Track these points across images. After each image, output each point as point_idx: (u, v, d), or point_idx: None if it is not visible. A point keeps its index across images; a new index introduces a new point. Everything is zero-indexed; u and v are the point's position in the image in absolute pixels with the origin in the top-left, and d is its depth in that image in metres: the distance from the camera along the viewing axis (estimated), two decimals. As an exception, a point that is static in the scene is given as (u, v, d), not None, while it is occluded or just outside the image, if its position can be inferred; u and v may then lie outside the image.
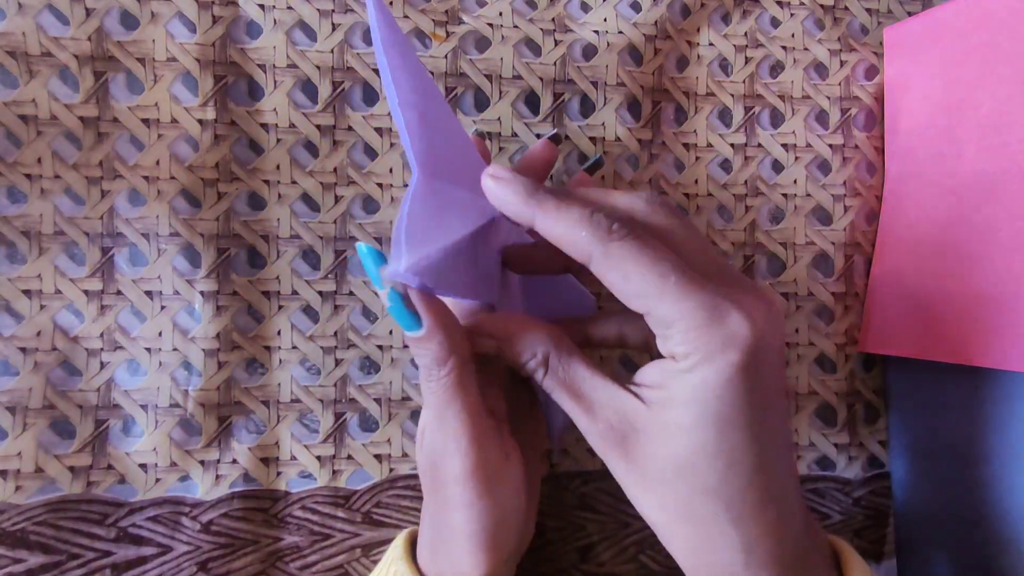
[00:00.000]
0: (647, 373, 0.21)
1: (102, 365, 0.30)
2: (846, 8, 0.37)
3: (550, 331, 0.23)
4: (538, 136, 0.34)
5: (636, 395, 0.21)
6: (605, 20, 0.34)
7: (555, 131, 0.32)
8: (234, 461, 0.31)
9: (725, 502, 0.20)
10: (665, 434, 0.21)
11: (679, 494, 0.21)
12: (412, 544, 0.27)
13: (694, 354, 0.20)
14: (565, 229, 0.21)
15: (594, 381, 0.22)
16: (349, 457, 0.32)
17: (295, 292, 0.31)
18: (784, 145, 0.36)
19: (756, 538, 0.21)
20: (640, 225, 0.22)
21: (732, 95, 0.36)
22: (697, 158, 0.35)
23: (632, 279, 0.20)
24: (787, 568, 0.21)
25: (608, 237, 0.20)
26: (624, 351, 0.34)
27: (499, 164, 0.22)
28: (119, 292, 0.30)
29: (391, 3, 0.32)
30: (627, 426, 0.21)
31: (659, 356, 0.21)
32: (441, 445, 0.23)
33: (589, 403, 0.22)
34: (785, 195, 0.36)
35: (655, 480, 0.21)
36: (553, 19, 0.34)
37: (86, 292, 0.30)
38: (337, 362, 0.32)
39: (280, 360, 0.31)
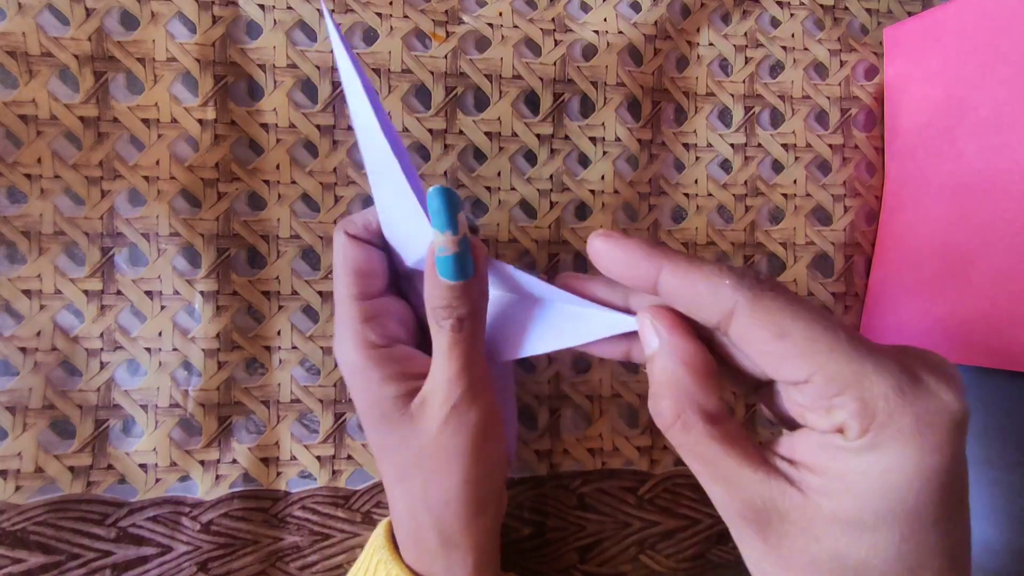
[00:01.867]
0: (800, 448, 0.18)
1: (102, 365, 0.30)
2: (846, 8, 0.37)
3: (696, 376, 0.19)
4: (538, 136, 0.34)
5: (786, 476, 0.17)
6: (605, 20, 0.34)
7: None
8: (234, 461, 0.31)
9: None
10: (826, 529, 0.17)
11: None
12: (393, 535, 0.27)
13: (879, 431, 0.15)
14: (703, 278, 0.18)
15: (731, 462, 0.18)
16: (349, 457, 0.32)
17: (295, 292, 0.31)
18: (784, 145, 0.36)
19: None
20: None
21: (732, 95, 0.36)
22: (697, 158, 0.35)
23: (792, 334, 0.16)
24: None
25: (759, 286, 0.17)
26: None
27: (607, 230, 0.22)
28: (119, 292, 0.30)
29: (391, 3, 0.32)
30: (772, 512, 0.17)
31: (795, 424, 0.18)
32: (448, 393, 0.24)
33: (725, 479, 0.18)
34: (785, 195, 0.36)
35: (804, 573, 0.17)
36: (553, 19, 0.34)
37: (86, 292, 0.30)
38: (337, 362, 0.32)
39: (280, 360, 0.31)
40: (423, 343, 0.27)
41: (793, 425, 0.19)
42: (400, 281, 0.28)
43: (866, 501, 0.16)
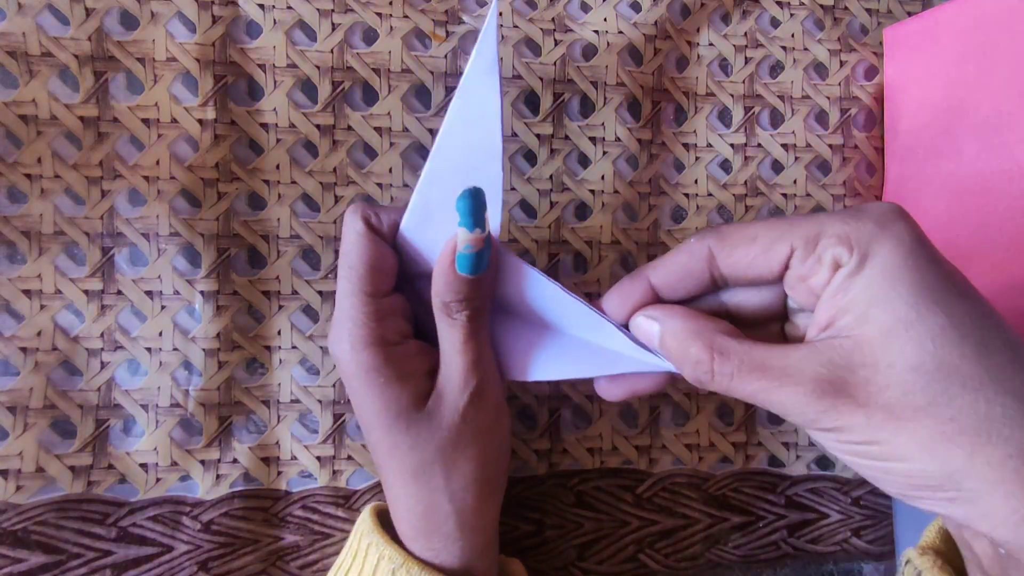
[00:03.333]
0: (819, 319, 0.19)
1: (102, 365, 0.30)
2: (846, 8, 0.37)
3: (703, 317, 0.22)
4: (538, 136, 0.34)
5: (833, 338, 0.19)
6: (605, 20, 0.34)
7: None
8: (235, 461, 0.31)
9: (1002, 368, 0.17)
10: (897, 342, 0.18)
11: (950, 395, 0.17)
12: (380, 518, 0.27)
13: (859, 241, 0.18)
14: (678, 249, 0.22)
15: (778, 351, 0.19)
16: (349, 457, 0.32)
17: (295, 292, 0.32)
18: (784, 145, 0.36)
19: None
20: None
21: (732, 95, 0.36)
22: (697, 158, 0.35)
23: (759, 234, 0.20)
24: None
25: (716, 228, 0.21)
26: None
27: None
28: (119, 292, 0.30)
29: (391, 3, 0.32)
30: (843, 370, 0.18)
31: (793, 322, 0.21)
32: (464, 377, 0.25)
33: (783, 370, 0.19)
34: (785, 195, 0.36)
35: (917, 406, 0.17)
36: (553, 19, 0.34)
37: (86, 292, 0.30)
38: (337, 362, 0.32)
39: (280, 360, 0.31)
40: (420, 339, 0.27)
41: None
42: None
43: (897, 299, 0.18)
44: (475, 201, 0.22)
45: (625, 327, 0.24)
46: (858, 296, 0.18)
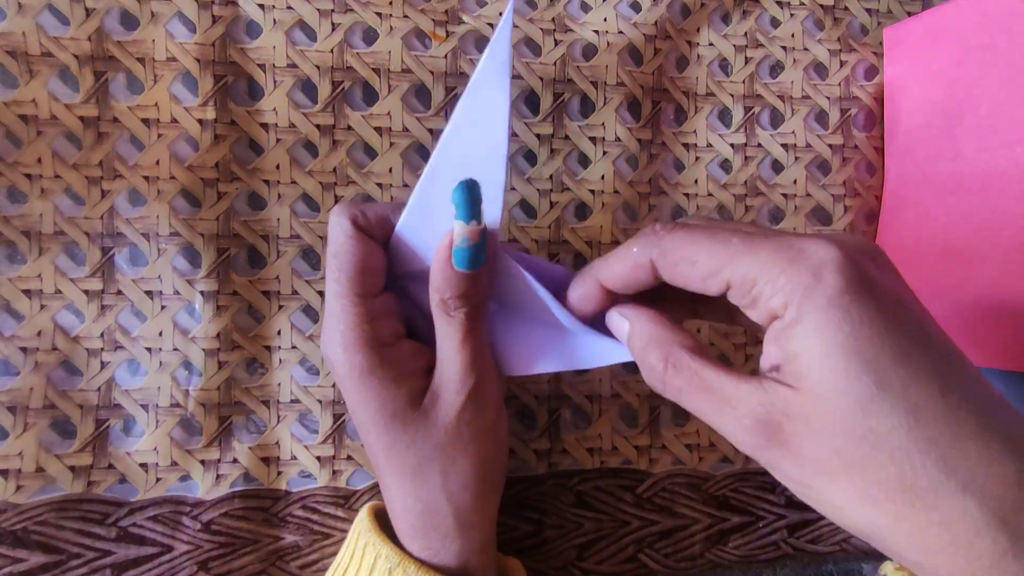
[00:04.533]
0: (768, 355, 0.19)
1: (102, 365, 0.30)
2: (846, 8, 0.37)
3: (669, 327, 0.22)
4: (538, 136, 0.34)
5: (775, 380, 0.19)
6: (605, 20, 0.34)
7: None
8: (235, 461, 0.31)
9: (932, 438, 0.17)
10: (828, 406, 0.18)
11: (877, 463, 0.17)
12: (377, 518, 0.27)
13: (792, 297, 0.18)
14: (622, 256, 0.22)
15: (726, 378, 0.20)
16: (349, 457, 0.32)
17: (295, 292, 0.32)
18: (784, 145, 0.36)
19: (989, 474, 0.17)
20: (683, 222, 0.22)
21: (732, 95, 0.36)
22: (697, 158, 0.35)
23: (699, 259, 0.20)
24: None
25: (658, 235, 0.21)
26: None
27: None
28: (119, 292, 0.30)
29: (391, 3, 0.32)
30: (778, 417, 0.18)
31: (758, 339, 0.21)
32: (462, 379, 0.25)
33: (727, 401, 0.19)
34: (785, 195, 0.36)
35: (845, 466, 0.18)
36: (553, 19, 0.34)
37: (86, 292, 0.30)
38: (337, 362, 0.32)
39: (280, 360, 0.31)
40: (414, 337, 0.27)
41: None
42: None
43: (827, 362, 0.17)
44: (471, 193, 0.22)
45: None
46: (794, 351, 0.18)
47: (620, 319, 0.23)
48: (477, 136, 0.24)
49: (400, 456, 0.25)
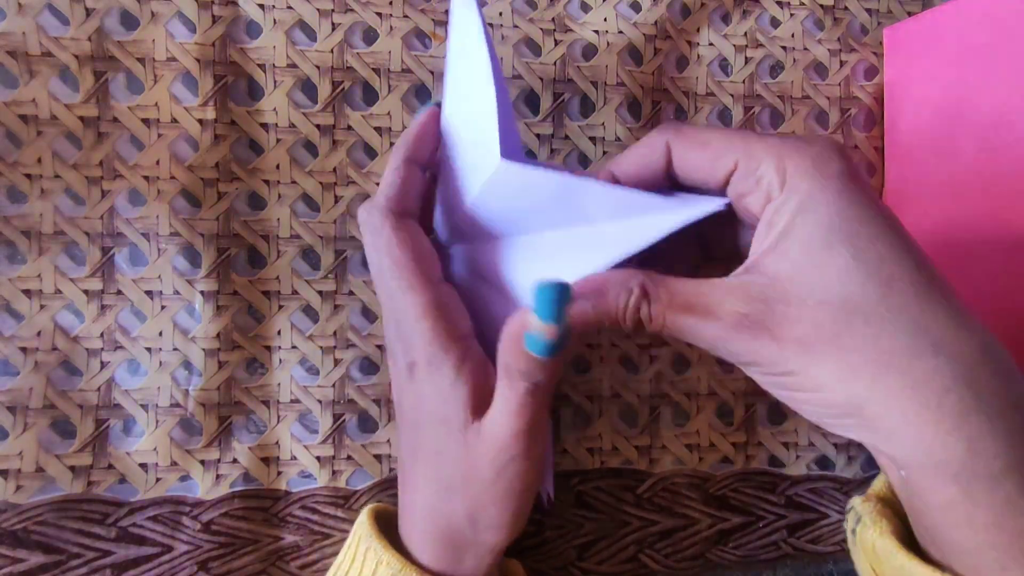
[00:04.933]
0: (754, 248, 0.20)
1: (102, 365, 0.30)
2: (846, 8, 0.37)
3: (636, 270, 0.22)
4: (537, 136, 0.34)
5: (755, 272, 0.20)
6: (605, 20, 0.34)
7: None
8: (234, 461, 0.31)
9: (904, 305, 0.18)
10: (808, 279, 0.19)
11: (854, 330, 0.18)
12: (378, 521, 0.27)
13: (791, 177, 0.19)
14: (639, 143, 0.23)
15: (702, 286, 0.20)
16: (349, 458, 0.32)
17: (295, 292, 0.32)
18: (784, 145, 0.36)
19: (957, 337, 0.18)
20: None
21: (732, 95, 0.36)
22: (697, 158, 0.35)
23: (711, 141, 0.21)
24: None
25: (676, 124, 0.22)
26: (624, 354, 0.34)
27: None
28: (119, 292, 0.30)
29: (391, 3, 0.32)
30: (761, 305, 0.19)
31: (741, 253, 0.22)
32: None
33: (707, 307, 0.20)
34: (785, 195, 0.36)
35: (825, 339, 0.19)
36: (553, 19, 0.34)
37: (86, 292, 0.30)
38: (336, 362, 0.32)
39: (280, 360, 0.31)
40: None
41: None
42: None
43: (813, 233, 0.19)
44: (555, 296, 0.19)
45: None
46: (784, 228, 0.19)
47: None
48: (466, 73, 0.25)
49: (435, 464, 0.24)
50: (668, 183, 0.24)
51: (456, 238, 0.28)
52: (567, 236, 0.24)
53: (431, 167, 0.27)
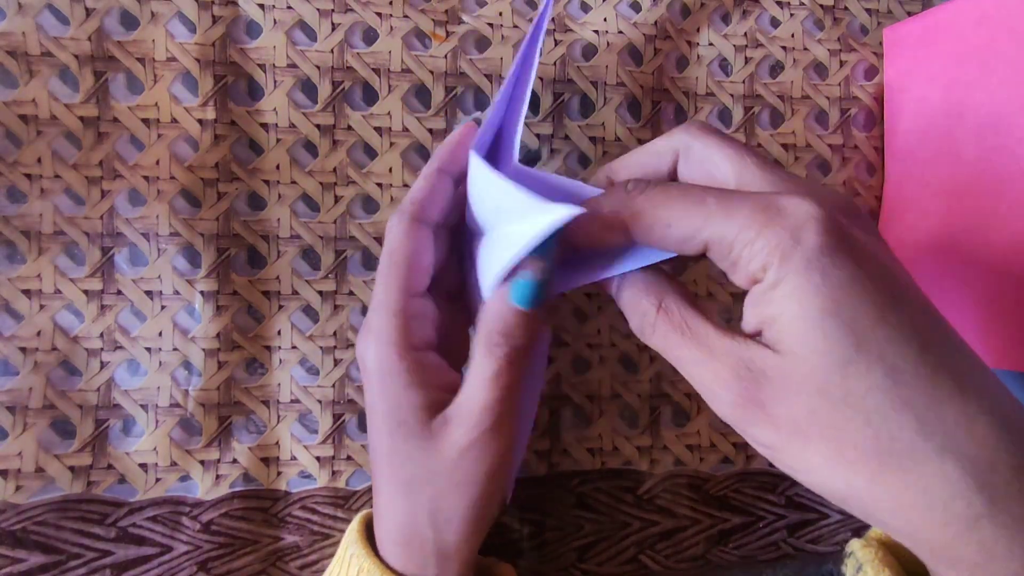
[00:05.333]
0: (748, 317, 0.19)
1: (102, 365, 0.30)
2: (846, 8, 0.37)
3: (663, 275, 0.22)
4: (537, 136, 0.34)
5: (757, 342, 0.19)
6: (605, 20, 0.34)
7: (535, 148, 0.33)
8: (234, 461, 0.31)
9: (909, 400, 0.17)
10: (803, 368, 0.17)
11: (854, 424, 0.17)
12: (368, 527, 0.27)
13: (771, 260, 0.17)
14: (590, 219, 0.21)
15: (712, 330, 0.19)
16: (348, 458, 0.32)
17: (295, 292, 0.31)
18: (784, 145, 0.36)
19: (966, 437, 0.17)
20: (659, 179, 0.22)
21: (732, 95, 0.36)
22: (697, 158, 0.35)
23: (673, 222, 0.19)
24: None
25: (630, 195, 0.20)
26: (624, 354, 0.34)
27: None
28: (119, 292, 0.30)
29: (391, 3, 0.32)
30: (757, 375, 0.18)
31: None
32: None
33: (712, 351, 0.19)
34: (785, 195, 0.36)
35: (821, 427, 0.17)
36: (553, 19, 0.34)
37: (86, 292, 0.30)
38: (336, 362, 0.32)
39: (280, 360, 0.31)
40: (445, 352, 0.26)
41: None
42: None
43: (806, 325, 0.17)
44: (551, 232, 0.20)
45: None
46: (773, 315, 0.18)
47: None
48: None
49: (397, 467, 0.25)
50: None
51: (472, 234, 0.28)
52: (494, 236, 0.24)
53: (464, 179, 0.27)
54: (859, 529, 0.36)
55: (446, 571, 0.25)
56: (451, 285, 0.28)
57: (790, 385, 0.18)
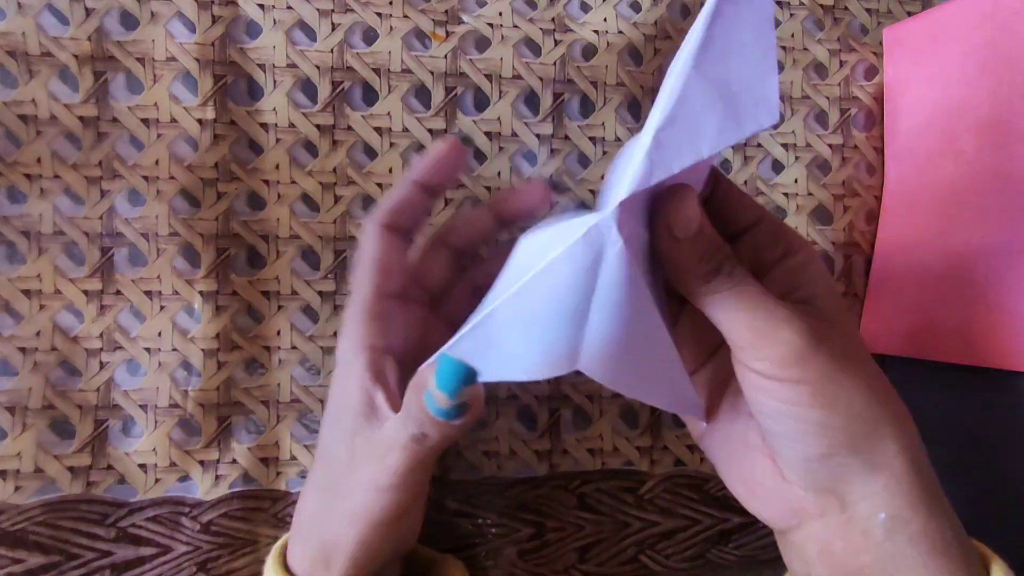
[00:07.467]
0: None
1: (102, 365, 0.30)
2: (846, 8, 0.37)
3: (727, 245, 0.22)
4: (538, 136, 0.34)
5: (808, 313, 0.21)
6: (605, 20, 0.34)
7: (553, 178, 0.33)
8: (234, 461, 0.31)
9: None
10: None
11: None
12: (283, 550, 0.27)
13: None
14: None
15: (769, 300, 0.21)
16: (349, 457, 0.32)
17: (295, 292, 0.31)
18: (784, 145, 0.36)
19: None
20: None
21: (732, 95, 0.36)
22: (697, 158, 0.35)
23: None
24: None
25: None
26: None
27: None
28: (119, 292, 0.30)
29: (391, 3, 0.32)
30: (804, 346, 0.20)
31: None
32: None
33: (770, 313, 0.20)
34: (785, 195, 0.36)
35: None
36: (553, 19, 0.34)
37: (86, 292, 0.30)
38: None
39: (280, 360, 0.31)
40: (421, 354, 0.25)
41: None
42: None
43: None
44: (460, 374, 0.20)
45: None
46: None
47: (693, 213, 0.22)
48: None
49: (322, 463, 0.25)
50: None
51: None
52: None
53: (440, 192, 0.29)
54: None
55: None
56: (452, 309, 0.28)
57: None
